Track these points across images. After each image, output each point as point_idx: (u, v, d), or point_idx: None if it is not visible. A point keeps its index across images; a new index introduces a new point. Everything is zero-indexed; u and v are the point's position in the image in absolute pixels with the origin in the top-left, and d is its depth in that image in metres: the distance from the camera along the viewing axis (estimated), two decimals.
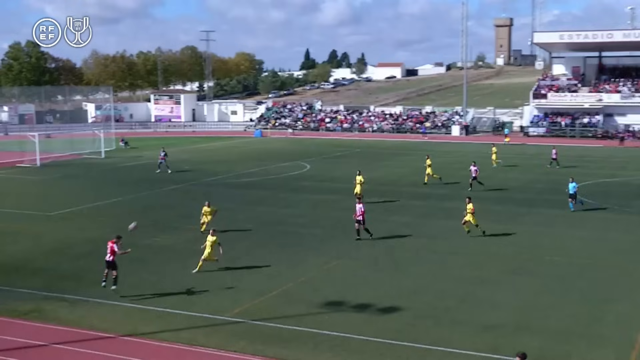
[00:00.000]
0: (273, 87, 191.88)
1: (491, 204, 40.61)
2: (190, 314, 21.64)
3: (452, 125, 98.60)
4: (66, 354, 18.68)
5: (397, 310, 21.93)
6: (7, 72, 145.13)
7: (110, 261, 23.60)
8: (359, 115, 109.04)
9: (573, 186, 38.63)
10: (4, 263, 27.86)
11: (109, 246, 23.67)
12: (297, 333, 20.05)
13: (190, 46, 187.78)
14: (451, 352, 18.35)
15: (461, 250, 29.87)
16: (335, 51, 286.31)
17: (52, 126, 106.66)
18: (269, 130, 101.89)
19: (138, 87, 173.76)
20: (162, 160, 55.86)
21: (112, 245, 23.66)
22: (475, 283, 25.12)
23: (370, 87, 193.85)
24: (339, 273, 26.53)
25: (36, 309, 22.16)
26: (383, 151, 74.39)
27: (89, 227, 34.98)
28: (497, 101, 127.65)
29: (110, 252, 23.61)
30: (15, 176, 55.28)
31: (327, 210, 38.98)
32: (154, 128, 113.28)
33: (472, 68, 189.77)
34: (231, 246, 30.52)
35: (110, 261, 23.58)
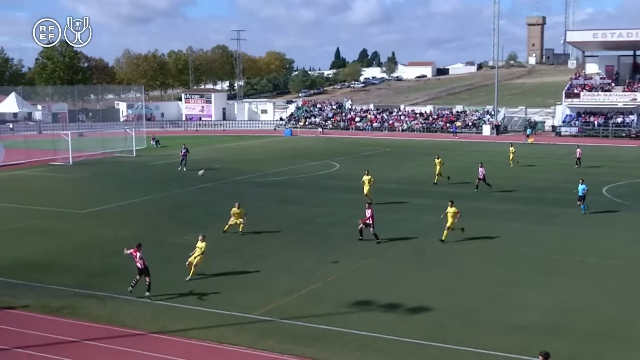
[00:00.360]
0: (303, 86, 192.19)
1: (521, 205, 40.32)
2: (219, 312, 21.75)
3: (482, 124, 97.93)
4: (97, 350, 18.87)
5: (426, 310, 21.83)
6: (41, 71, 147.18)
7: (142, 268, 23.25)
8: (389, 114, 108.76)
9: (582, 188, 37.65)
10: (36, 260, 28.23)
11: (134, 255, 23.24)
12: (326, 332, 20.05)
13: (221, 45, 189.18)
14: (480, 353, 18.22)
15: (491, 251, 29.66)
16: (365, 50, 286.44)
17: (85, 125, 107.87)
18: (299, 129, 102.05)
19: (169, 86, 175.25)
20: (184, 157, 56.34)
21: (135, 254, 23.25)
22: (504, 283, 24.93)
23: (401, 86, 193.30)
24: (367, 272, 26.48)
25: (68, 306, 22.42)
26: (413, 150, 74.12)
27: (120, 224, 35.31)
28: (528, 100, 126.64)
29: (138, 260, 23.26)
30: (48, 174, 56.00)
31: (356, 210, 38.83)
32: (185, 127, 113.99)
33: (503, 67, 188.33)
34: (260, 245, 30.70)
35: (142, 267, 23.26)
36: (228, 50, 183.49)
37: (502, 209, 39.02)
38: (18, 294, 23.60)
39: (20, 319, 21.22)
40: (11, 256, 28.75)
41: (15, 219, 36.61)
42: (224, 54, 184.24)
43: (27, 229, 34.52)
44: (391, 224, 34.98)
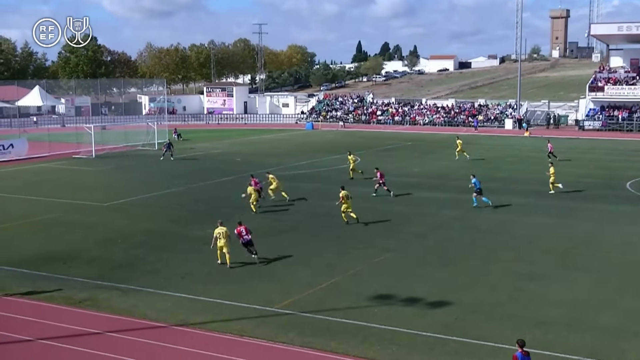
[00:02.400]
0: (324, 79, 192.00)
1: (544, 199, 40.06)
2: (240, 305, 21.86)
3: (505, 118, 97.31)
4: (120, 342, 19.04)
5: (447, 305, 21.80)
6: (65, 65, 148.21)
7: (247, 241, 26.54)
8: (411, 108, 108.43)
9: (475, 181, 37.50)
10: (60, 252, 28.52)
11: (239, 230, 26.56)
12: (346, 326, 20.09)
13: (243, 39, 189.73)
14: (501, 348, 18.16)
15: (512, 245, 29.52)
16: (387, 43, 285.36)
17: (107, 118, 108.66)
18: (320, 123, 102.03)
19: (191, 80, 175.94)
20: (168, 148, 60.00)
21: (241, 229, 26.61)
22: (526, 278, 24.80)
23: (422, 80, 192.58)
24: (388, 266, 26.47)
25: (90, 298, 22.64)
26: (434, 144, 73.86)
27: (142, 217, 35.57)
28: (551, 94, 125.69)
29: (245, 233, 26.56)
30: (71, 167, 56.48)
31: (377, 203, 38.89)
32: (207, 120, 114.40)
33: (526, 60, 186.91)
34: (281, 238, 30.78)
35: (247, 241, 26.53)
36: (250, 43, 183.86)
37: (523, 203, 38.79)
38: (42, 285, 23.88)
39: (43, 311, 21.47)
40: (35, 248, 29.08)
41: (39, 211, 37.00)
42: (246, 48, 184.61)
43: (50, 221, 34.88)
44: (412, 217, 34.96)
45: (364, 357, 17.96)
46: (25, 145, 64.45)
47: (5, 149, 62.05)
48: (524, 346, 15.22)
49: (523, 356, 15.07)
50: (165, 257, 27.65)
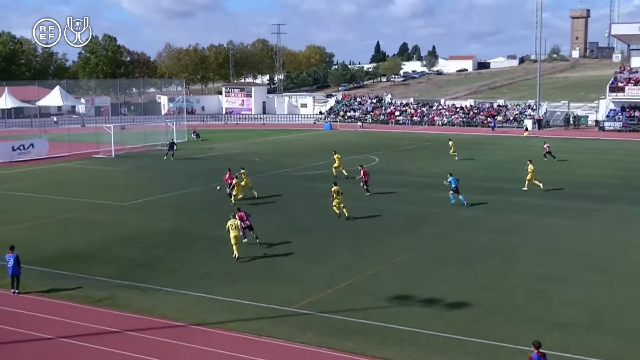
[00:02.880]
0: (343, 79, 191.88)
1: (563, 200, 39.82)
2: (258, 305, 21.89)
3: (524, 119, 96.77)
4: (138, 341, 19.14)
5: (466, 306, 21.72)
6: (85, 65, 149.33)
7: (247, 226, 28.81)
8: (429, 108, 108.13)
9: (452, 180, 37.92)
10: (80, 251, 28.71)
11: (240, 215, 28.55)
12: (364, 326, 20.07)
13: (262, 39, 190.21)
14: (520, 349, 18.05)
15: (531, 246, 29.36)
16: (406, 44, 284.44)
17: (127, 118, 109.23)
18: (339, 123, 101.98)
19: (210, 80, 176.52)
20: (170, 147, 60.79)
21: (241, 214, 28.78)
22: (545, 279, 24.66)
23: (441, 80, 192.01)
24: (406, 267, 26.42)
25: (110, 296, 22.78)
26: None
27: (161, 217, 35.73)
28: (571, 95, 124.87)
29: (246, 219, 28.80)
30: (91, 167, 56.84)
31: (396, 204, 38.83)
32: (225, 120, 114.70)
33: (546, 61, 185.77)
34: (299, 238, 30.79)
35: (248, 225, 28.81)
36: (268, 44, 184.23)
37: (543, 204, 38.59)
38: (62, 284, 24.06)
39: (63, 309, 21.62)
40: (55, 247, 29.29)
41: (60, 211, 37.27)
42: (265, 48, 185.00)
43: (70, 220, 35.13)
44: (430, 218, 34.88)
45: (382, 357, 17.93)
46: (45, 145, 64.96)
47: (25, 148, 62.58)
48: (540, 347, 15.17)
49: (539, 357, 15.02)
50: (184, 257, 27.77)
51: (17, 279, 23.23)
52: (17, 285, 23.20)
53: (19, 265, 23.22)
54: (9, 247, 23.66)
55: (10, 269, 23.08)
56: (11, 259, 23.09)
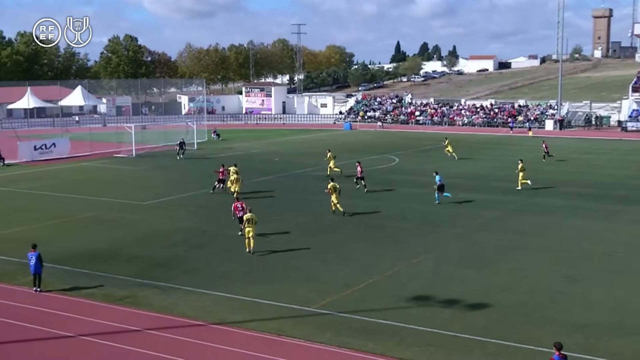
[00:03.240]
0: (363, 79, 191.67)
1: (585, 201, 39.52)
2: (278, 305, 21.92)
3: (545, 119, 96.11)
4: (159, 339, 19.22)
5: (486, 307, 21.61)
6: (106, 65, 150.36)
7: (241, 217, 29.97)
8: (449, 108, 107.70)
9: (438, 178, 38.84)
10: (101, 250, 28.90)
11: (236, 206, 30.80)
12: (384, 327, 20.03)
13: (282, 39, 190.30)
14: (540, 351, 17.92)
15: (553, 247, 29.16)
16: (426, 44, 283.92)
17: (148, 118, 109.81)
18: (358, 123, 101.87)
19: (230, 80, 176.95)
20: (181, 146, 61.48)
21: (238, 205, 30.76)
22: (567, 281, 24.49)
23: (462, 80, 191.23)
24: (426, 268, 26.34)
25: (130, 295, 22.90)
26: (473, 145, 73.26)
27: (181, 216, 35.87)
28: (593, 95, 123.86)
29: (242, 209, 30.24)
30: (112, 166, 57.19)
31: (415, 204, 38.73)
32: (245, 120, 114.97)
33: (567, 60, 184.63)
34: (319, 238, 30.79)
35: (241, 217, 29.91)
36: (288, 44, 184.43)
37: (565, 205, 38.32)
38: (83, 282, 24.23)
39: (84, 308, 21.77)
40: (77, 246, 29.49)
41: (81, 210, 37.53)
42: (285, 48, 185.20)
43: (92, 219, 35.37)
44: (450, 218, 34.74)
45: (402, 358, 17.89)
46: (67, 145, 65.48)
47: (47, 148, 63.10)
48: (561, 349, 15.07)
49: (560, 359, 14.90)
50: (204, 256, 27.86)
51: (39, 277, 23.42)
52: (38, 283, 23.38)
53: (41, 263, 23.41)
54: (31, 245, 23.85)
55: (33, 267, 23.28)
56: (33, 257, 23.28)
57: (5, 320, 20.69)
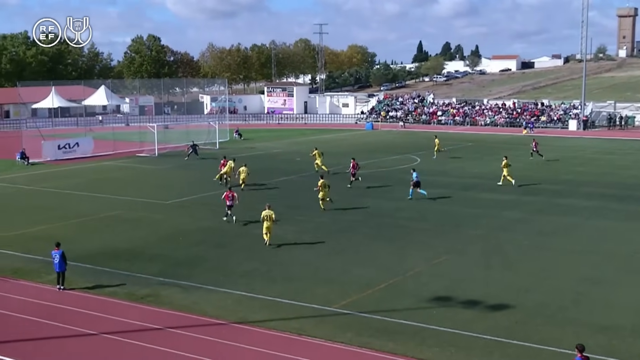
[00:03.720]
0: (385, 79, 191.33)
1: (608, 201, 39.18)
2: (298, 304, 21.96)
3: (568, 119, 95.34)
4: (180, 338, 19.33)
5: (507, 308, 21.52)
6: (130, 65, 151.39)
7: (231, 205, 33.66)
8: (472, 108, 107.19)
9: (415, 175, 40.13)
10: (124, 249, 29.11)
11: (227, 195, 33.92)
12: (405, 327, 20.01)
13: (304, 39, 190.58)
14: (562, 353, 17.81)
15: (576, 248, 28.96)
16: (448, 43, 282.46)
17: (170, 117, 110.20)
18: (380, 123, 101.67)
19: (252, 80, 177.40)
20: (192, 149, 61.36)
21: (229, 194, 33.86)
22: (590, 282, 24.31)
23: (484, 80, 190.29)
24: (447, 268, 26.26)
25: (152, 294, 23.06)
26: (495, 145, 72.82)
27: (203, 215, 36.04)
28: (618, 95, 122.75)
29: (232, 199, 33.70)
30: (135, 165, 57.57)
31: (437, 205, 38.61)
32: (267, 120, 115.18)
33: (591, 60, 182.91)
34: (339, 238, 30.80)
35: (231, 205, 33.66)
36: (310, 43, 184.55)
37: (588, 206, 38.03)
38: (105, 280, 24.43)
39: (107, 306, 21.95)
40: (99, 244, 29.74)
41: (104, 208, 37.82)
42: (307, 48, 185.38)
43: (114, 218, 35.64)
44: (472, 219, 34.60)
45: (423, 358, 17.86)
46: (90, 144, 66.00)
47: (71, 147, 63.64)
48: (583, 351, 14.97)
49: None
50: (225, 255, 27.99)
51: (63, 275, 23.64)
52: (62, 281, 23.61)
53: (65, 261, 23.63)
54: (55, 243, 24.08)
55: (57, 265, 23.50)
56: (57, 256, 23.51)
57: (29, 318, 20.93)
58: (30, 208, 38.41)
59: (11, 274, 25.43)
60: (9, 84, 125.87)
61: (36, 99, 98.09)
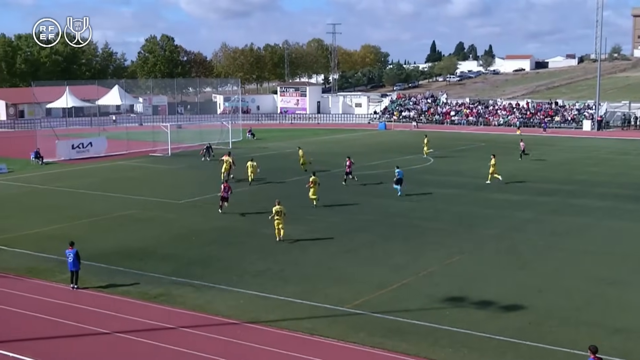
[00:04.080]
0: (398, 79, 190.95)
1: (623, 202, 38.96)
2: (311, 304, 21.95)
3: (582, 119, 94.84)
4: (193, 337, 19.36)
5: (521, 309, 21.42)
6: (143, 65, 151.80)
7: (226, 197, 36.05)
8: (485, 108, 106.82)
9: (399, 172, 41.83)
10: (137, 248, 29.20)
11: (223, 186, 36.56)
12: (417, 327, 19.96)
13: (317, 39, 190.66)
14: (576, 354, 17.71)
15: (590, 249, 28.80)
16: (462, 43, 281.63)
17: (183, 117, 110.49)
18: (393, 123, 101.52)
19: (265, 80, 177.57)
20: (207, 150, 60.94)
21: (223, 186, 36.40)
22: (604, 283, 24.17)
23: (498, 80, 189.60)
24: (460, 268, 26.17)
25: (165, 293, 23.11)
26: (508, 145, 72.45)
27: (215, 215, 36.08)
28: (633, 95, 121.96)
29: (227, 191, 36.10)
30: (148, 165, 57.73)
31: (450, 205, 38.52)
32: (280, 120, 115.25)
33: (606, 60, 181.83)
34: (352, 238, 30.77)
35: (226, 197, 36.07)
36: (323, 43, 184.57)
37: (602, 206, 37.82)
38: (119, 280, 24.51)
39: (120, 305, 22.02)
40: (113, 243, 29.84)
41: (117, 208, 37.96)
42: (319, 48, 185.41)
43: (128, 217, 35.76)
44: (486, 219, 34.49)
45: (435, 359, 17.81)
46: (104, 143, 66.24)
47: (85, 146, 63.91)
48: (596, 352, 14.84)
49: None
50: (238, 255, 28.02)
51: (76, 274, 23.73)
52: (75, 280, 23.70)
53: (79, 260, 23.72)
54: (69, 243, 24.17)
55: (70, 264, 23.59)
56: (71, 255, 23.59)
57: (42, 317, 21.03)
58: (45, 207, 38.60)
59: (25, 273, 25.57)
60: (23, 83, 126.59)
61: (50, 99, 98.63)
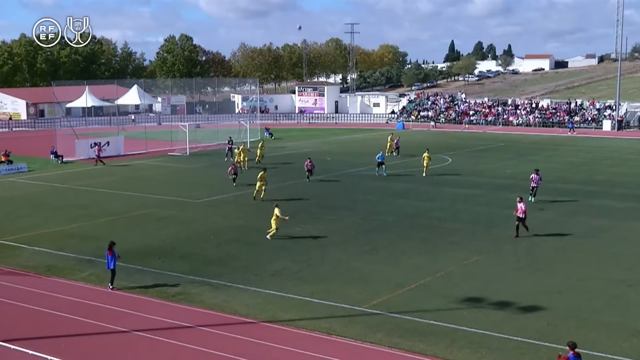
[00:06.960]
0: (416, 79, 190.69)
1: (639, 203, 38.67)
2: (328, 304, 21.93)
3: (603, 119, 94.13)
4: (211, 336, 19.41)
5: (539, 310, 21.29)
6: (162, 64, 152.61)
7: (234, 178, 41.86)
8: (504, 108, 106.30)
9: (380, 156, 48.84)
10: (155, 247, 29.31)
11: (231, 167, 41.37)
12: (435, 328, 19.89)
13: (335, 38, 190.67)
14: (596, 356, 17.58)
15: (609, 250, 28.57)
16: (481, 43, 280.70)
17: (201, 117, 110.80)
18: (411, 123, 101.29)
19: (283, 79, 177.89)
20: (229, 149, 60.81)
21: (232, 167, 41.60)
22: (624, 285, 23.96)
23: (517, 80, 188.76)
24: (478, 269, 26.05)
25: (183, 292, 23.18)
26: (528, 145, 72.18)
27: (234, 214, 36.16)
28: None
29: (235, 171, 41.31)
30: (166, 164, 57.95)
31: (469, 205, 38.37)
32: (298, 119, 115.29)
33: (627, 59, 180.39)
34: (370, 238, 30.71)
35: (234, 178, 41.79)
36: (342, 43, 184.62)
37: (623, 207, 37.52)
38: (137, 278, 24.61)
39: (138, 303, 22.11)
40: (131, 242, 29.92)
41: (136, 207, 38.12)
42: (338, 47, 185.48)
43: (146, 216, 35.91)
44: (504, 220, 34.24)
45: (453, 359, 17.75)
46: (121, 143, 66.51)
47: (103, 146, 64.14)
48: (575, 348, 15.17)
49: (575, 358, 14.81)
50: (256, 254, 28.04)
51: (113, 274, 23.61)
52: (112, 279, 23.66)
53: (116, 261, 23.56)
54: (110, 243, 23.95)
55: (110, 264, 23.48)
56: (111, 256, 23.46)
57: (62, 315, 21.16)
58: (64, 206, 38.85)
59: (45, 271, 25.74)
60: (43, 83, 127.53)
61: (70, 98, 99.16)
